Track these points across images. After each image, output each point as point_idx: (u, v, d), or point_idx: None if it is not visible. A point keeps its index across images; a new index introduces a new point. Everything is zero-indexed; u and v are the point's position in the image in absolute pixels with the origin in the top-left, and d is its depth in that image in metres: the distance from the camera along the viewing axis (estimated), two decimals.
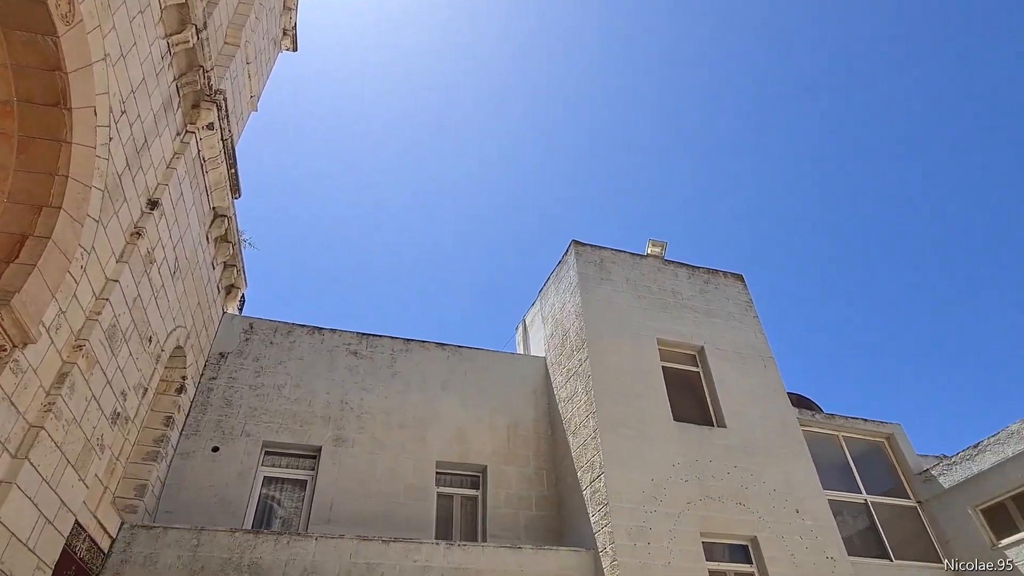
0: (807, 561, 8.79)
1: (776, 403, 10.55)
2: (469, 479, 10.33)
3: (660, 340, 10.63)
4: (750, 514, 9.01)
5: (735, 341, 11.16)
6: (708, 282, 12.01)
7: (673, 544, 8.34)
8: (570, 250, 11.49)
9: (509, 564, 8.30)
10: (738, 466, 9.46)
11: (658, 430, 9.43)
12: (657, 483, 8.85)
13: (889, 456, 12.37)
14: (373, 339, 11.15)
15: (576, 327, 10.56)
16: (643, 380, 9.95)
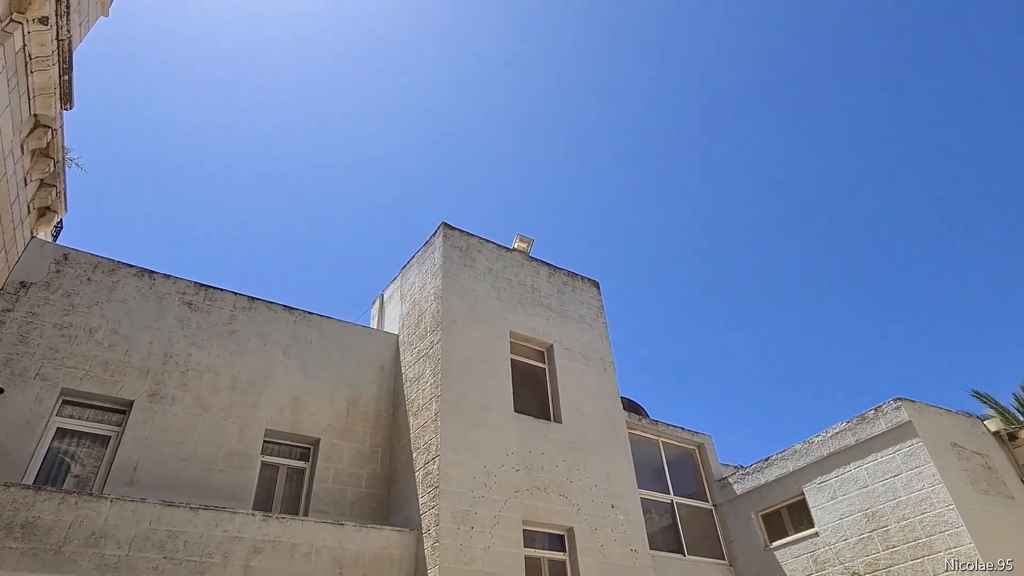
0: (614, 552, 9.49)
1: (609, 405, 11.26)
2: (299, 450, 9.90)
3: (513, 333, 10.90)
4: (571, 506, 9.54)
5: (582, 343, 11.74)
6: (566, 284, 12.51)
7: (496, 530, 8.60)
8: (439, 232, 11.40)
9: (328, 540, 8.08)
10: (567, 460, 9.97)
11: (498, 419, 9.66)
12: (489, 470, 9.06)
13: (697, 463, 13.73)
14: (213, 292, 10.28)
15: (433, 309, 10.51)
16: (491, 369, 10.13)
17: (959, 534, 9.32)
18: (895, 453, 10.42)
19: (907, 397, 10.72)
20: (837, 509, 11.00)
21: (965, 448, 10.74)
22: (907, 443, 10.30)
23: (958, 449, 10.59)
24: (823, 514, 11.18)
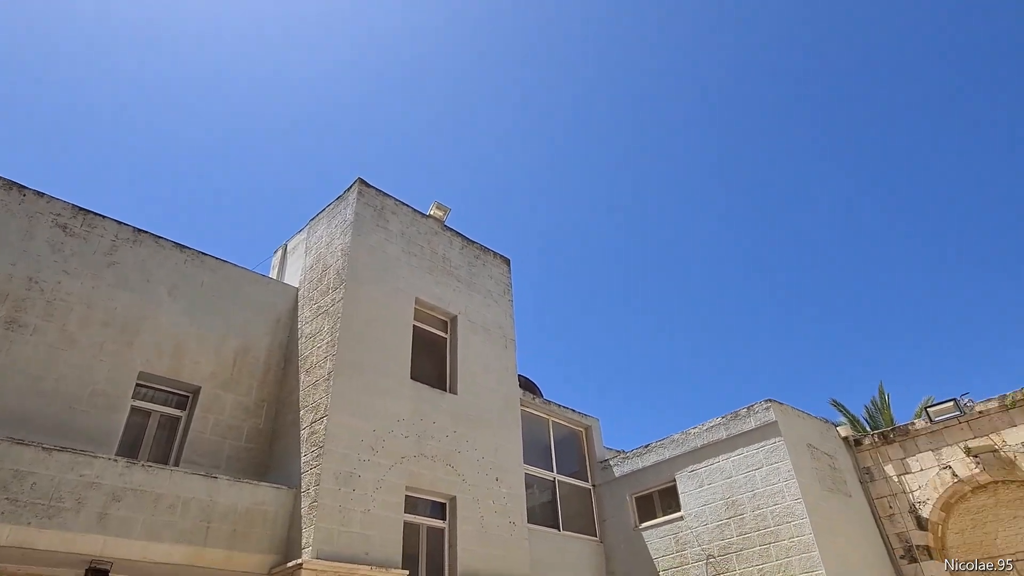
0: (493, 524, 9.71)
1: (506, 381, 11.42)
2: (176, 398, 9.33)
3: (419, 300, 10.77)
4: (456, 476, 9.64)
5: (487, 318, 11.80)
6: (478, 257, 12.49)
7: (378, 494, 8.54)
8: (353, 188, 11.01)
9: (198, 492, 7.70)
10: (457, 431, 10.04)
11: (393, 384, 9.55)
12: (378, 434, 8.96)
13: (583, 444, 14.28)
14: (93, 218, 9.39)
15: (339, 266, 10.16)
16: (391, 334, 9.97)
17: (802, 525, 10.30)
18: (759, 449, 11.31)
19: (777, 399, 11.65)
20: (703, 496, 11.82)
21: (818, 449, 11.85)
22: (771, 441, 11.21)
23: (812, 449, 11.67)
24: (690, 500, 11.99)
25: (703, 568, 11.29)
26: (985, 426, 11.45)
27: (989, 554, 11.22)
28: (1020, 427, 11.07)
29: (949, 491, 11.56)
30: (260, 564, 7.88)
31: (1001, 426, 11.27)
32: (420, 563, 8.91)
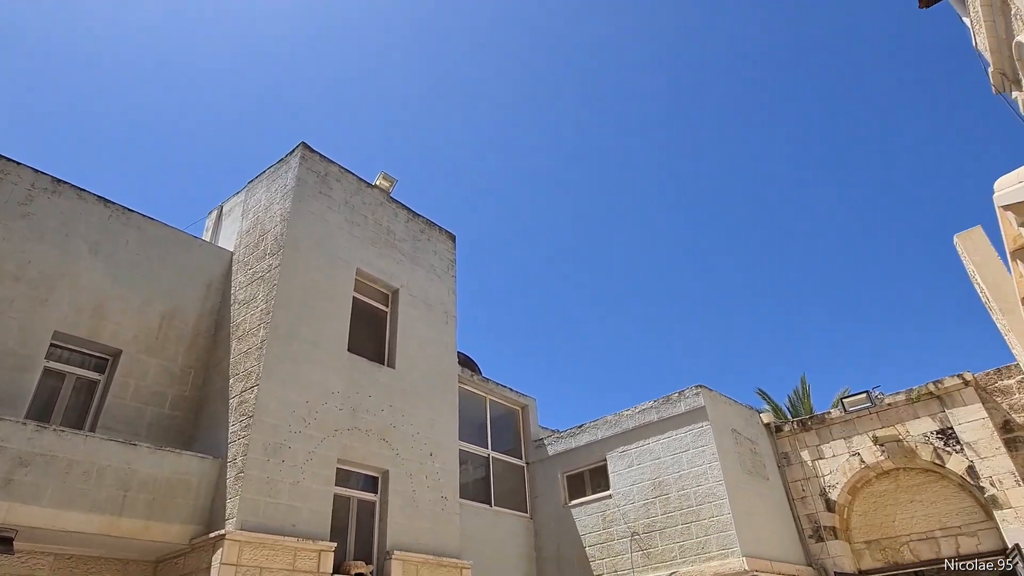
0: (425, 498, 9.72)
1: (445, 357, 11.37)
2: (94, 360, 8.84)
3: (360, 271, 10.54)
4: (390, 450, 9.57)
5: (429, 293, 11.68)
6: (423, 232, 12.31)
7: (308, 466, 8.38)
8: (296, 152, 10.60)
9: (115, 460, 7.35)
10: (393, 405, 9.95)
11: (329, 356, 9.35)
12: (311, 406, 8.77)
13: (518, 423, 14.45)
14: (7, 164, 8.69)
15: (277, 232, 9.80)
16: (330, 304, 9.74)
17: (722, 505, 10.80)
18: (687, 432, 11.75)
19: (707, 385, 12.09)
20: (631, 476, 12.20)
21: (742, 434, 12.41)
22: (699, 425, 11.65)
23: (736, 434, 12.21)
24: (619, 479, 12.35)
25: (627, 544, 11.69)
26: (892, 417, 12.26)
27: (887, 534, 12.11)
28: (923, 419, 11.91)
29: (856, 476, 12.37)
30: (181, 535, 7.63)
31: (906, 417, 12.10)
32: (349, 536, 8.84)
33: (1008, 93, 12.42)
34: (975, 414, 11.39)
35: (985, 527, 11.15)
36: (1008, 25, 10.69)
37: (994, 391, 11.49)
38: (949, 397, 11.74)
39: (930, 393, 11.92)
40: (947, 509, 11.63)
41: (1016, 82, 11.63)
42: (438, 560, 9.25)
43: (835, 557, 11.95)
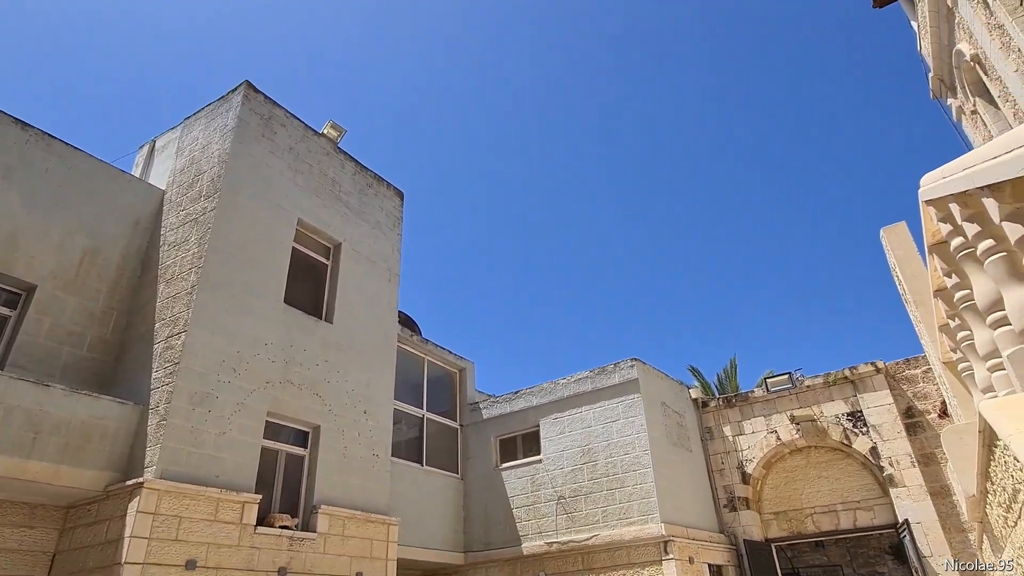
0: (356, 455, 9.67)
1: (385, 316, 11.23)
2: (4, 295, 8.26)
3: (301, 222, 10.20)
4: (323, 405, 9.44)
5: (373, 249, 11.44)
6: (371, 186, 11.99)
7: (236, 417, 8.18)
8: (239, 90, 10.05)
9: (25, 400, 6.95)
10: (329, 360, 9.78)
11: (264, 306, 9.06)
12: (242, 356, 8.52)
13: (455, 385, 14.51)
14: None
15: (214, 173, 9.33)
16: (267, 253, 9.40)
17: (646, 474, 11.23)
18: (619, 403, 12.09)
19: (641, 359, 12.43)
20: (562, 442, 12.51)
21: (670, 408, 12.88)
22: (630, 396, 12.00)
23: (665, 407, 12.66)
24: (550, 445, 12.64)
25: (554, 507, 12.04)
26: (810, 398, 12.99)
27: (794, 507, 12.93)
28: (837, 401, 12.67)
29: (772, 451, 13.09)
30: (95, 481, 7.34)
31: (822, 400, 12.84)
32: (276, 489, 8.72)
33: (944, 99, 13.02)
34: (883, 400, 12.19)
35: (881, 503, 12.06)
36: (951, 33, 11.14)
37: (901, 379, 12.31)
38: (862, 382, 12.51)
39: (845, 378, 12.66)
40: (849, 485, 12.50)
41: (952, 89, 12.20)
42: (366, 516, 9.28)
43: (745, 526, 12.69)
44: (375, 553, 9.26)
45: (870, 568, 20.00)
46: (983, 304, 3.24)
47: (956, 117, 12.36)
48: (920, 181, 3.64)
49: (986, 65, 9.82)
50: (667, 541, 10.59)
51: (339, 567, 8.67)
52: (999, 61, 9.14)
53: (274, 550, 7.99)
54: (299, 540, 8.33)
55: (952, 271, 3.87)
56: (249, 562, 7.68)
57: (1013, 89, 8.95)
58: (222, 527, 7.54)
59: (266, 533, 7.98)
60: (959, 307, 3.91)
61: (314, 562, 8.39)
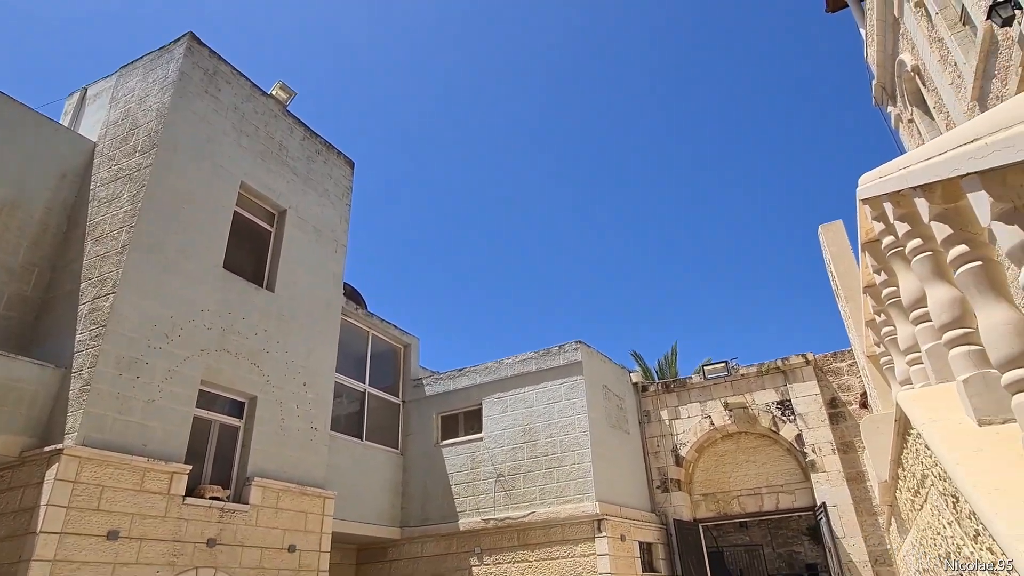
0: (294, 428, 9.48)
1: (330, 287, 10.98)
2: None
3: (245, 185, 9.79)
4: (260, 376, 9.18)
5: (320, 218, 11.12)
6: (320, 153, 11.62)
7: (167, 384, 7.86)
8: (182, 42, 9.50)
9: None
10: (268, 330, 9.50)
11: (201, 271, 8.70)
12: (176, 321, 8.17)
13: (399, 361, 14.38)
14: None
15: (152, 128, 8.82)
16: (207, 215, 9.00)
17: (584, 454, 11.47)
18: (562, 384, 12.26)
19: (585, 342, 12.62)
20: (504, 421, 12.61)
21: (611, 391, 13.15)
22: (573, 378, 12.18)
23: (606, 390, 12.92)
24: (492, 423, 12.73)
25: (492, 485, 12.16)
26: (743, 387, 13.51)
27: (722, 489, 13.50)
28: (768, 390, 13.23)
29: (705, 436, 13.58)
30: (9, 446, 6.93)
31: (755, 388, 13.37)
32: (207, 459, 8.46)
33: (884, 106, 13.59)
34: (810, 390, 12.81)
35: (802, 487, 12.73)
36: (896, 42, 11.59)
37: (828, 371, 12.95)
38: (792, 373, 13.09)
39: (777, 368, 13.22)
40: (775, 470, 13.12)
41: (893, 97, 12.74)
42: (301, 489, 9.13)
43: (676, 506, 13.17)
44: (309, 526, 9.15)
45: (788, 548, 21.12)
46: (907, 301, 3.41)
47: (894, 125, 12.93)
48: (859, 180, 3.78)
49: (925, 76, 10.29)
50: (601, 519, 10.88)
51: (271, 540, 8.53)
52: (937, 73, 9.59)
53: (203, 522, 7.78)
54: (230, 512, 8.13)
55: (881, 268, 4.05)
56: (176, 533, 7.45)
57: (947, 101, 9.41)
58: (148, 497, 7.27)
59: (195, 504, 7.75)
60: (885, 303, 4.11)
61: (245, 534, 8.22)
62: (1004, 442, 2.34)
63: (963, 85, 8.50)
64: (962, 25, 8.61)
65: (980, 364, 2.60)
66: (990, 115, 1.63)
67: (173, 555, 7.37)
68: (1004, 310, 2.12)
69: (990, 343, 2.14)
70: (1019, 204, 1.66)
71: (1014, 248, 1.66)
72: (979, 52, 7.54)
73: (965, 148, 1.76)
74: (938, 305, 2.78)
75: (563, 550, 11.02)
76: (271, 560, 8.45)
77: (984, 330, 2.19)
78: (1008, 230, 1.67)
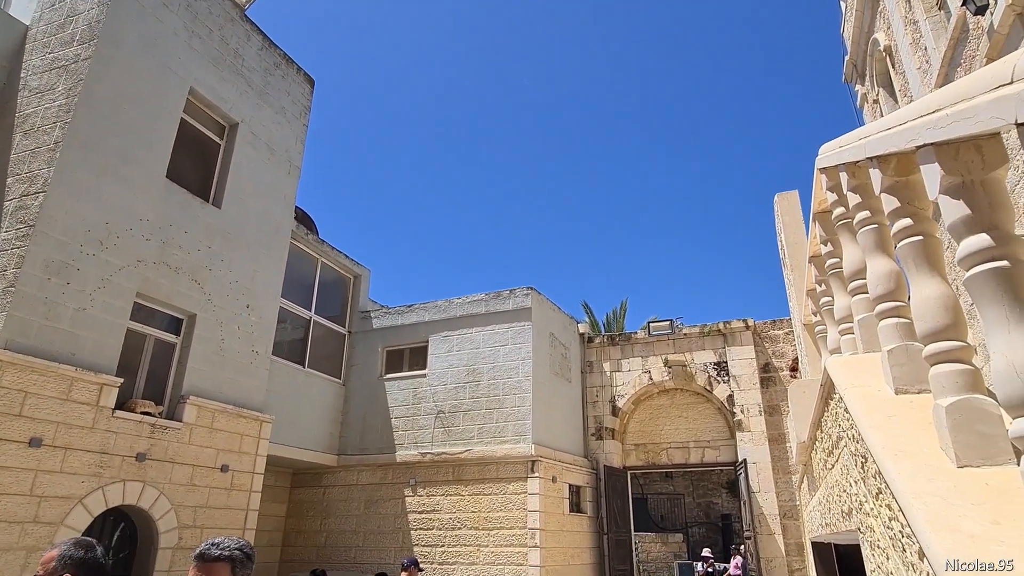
0: (234, 349, 9.29)
1: (281, 208, 10.60)
2: None
3: (194, 92, 9.21)
4: (201, 293, 8.89)
5: (274, 136, 10.62)
6: (278, 67, 10.99)
7: (100, 293, 7.52)
8: None
9: None
10: (212, 247, 9.16)
11: (142, 177, 8.23)
12: (112, 228, 7.76)
13: (348, 291, 14.18)
14: None
15: (93, 16, 8.10)
16: (150, 119, 8.45)
17: (525, 398, 11.72)
18: (509, 328, 12.37)
19: (536, 289, 12.70)
20: (449, 360, 12.70)
21: (558, 339, 13.37)
22: (521, 323, 12.30)
23: (553, 338, 13.13)
24: (436, 361, 12.80)
25: (432, 421, 12.34)
26: (684, 345, 13.94)
27: (653, 440, 14.10)
28: (707, 351, 13.70)
29: (643, 390, 14.06)
30: None
31: (695, 348, 13.83)
32: (140, 374, 8.24)
33: (853, 84, 13.73)
34: (746, 354, 13.33)
35: (727, 444, 13.42)
36: (872, 21, 11.61)
37: (766, 338, 13.47)
38: (732, 336, 13.57)
39: (718, 330, 13.67)
40: (704, 426, 13.76)
41: (862, 76, 12.87)
42: (238, 410, 9.04)
43: (608, 454, 13.71)
44: (244, 448, 9.11)
45: (707, 499, 22.43)
46: (848, 271, 3.51)
47: (860, 104, 13.12)
48: (819, 149, 3.81)
49: (895, 58, 10.39)
50: (535, 461, 11.24)
51: (204, 458, 8.47)
52: (907, 56, 9.69)
53: (133, 436, 7.64)
54: (162, 428, 8.00)
55: (829, 239, 4.16)
56: (104, 445, 7.30)
57: (912, 85, 9.56)
58: (75, 407, 7.06)
59: (125, 418, 7.58)
60: (828, 273, 4.24)
61: (177, 451, 8.13)
62: (916, 410, 2.47)
63: (930, 71, 8.63)
64: (938, 9, 8.67)
65: (907, 336, 2.72)
66: (954, 86, 1.63)
67: (100, 467, 7.24)
68: (936, 284, 2.19)
69: (919, 315, 2.22)
70: (967, 179, 1.68)
71: (956, 222, 1.70)
72: (949, 39, 7.63)
73: (926, 118, 1.76)
74: (876, 277, 2.87)
75: (496, 487, 11.38)
76: (203, 478, 8.41)
77: (915, 303, 2.27)
78: (953, 204, 1.70)
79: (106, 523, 7.69)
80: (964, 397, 1.99)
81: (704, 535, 21.22)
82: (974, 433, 1.94)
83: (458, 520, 11.45)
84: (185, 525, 8.10)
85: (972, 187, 1.68)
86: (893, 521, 2.24)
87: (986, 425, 1.94)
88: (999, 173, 1.70)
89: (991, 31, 6.32)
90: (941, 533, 1.63)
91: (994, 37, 6.18)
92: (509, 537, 10.97)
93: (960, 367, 2.05)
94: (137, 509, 7.70)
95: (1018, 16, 5.89)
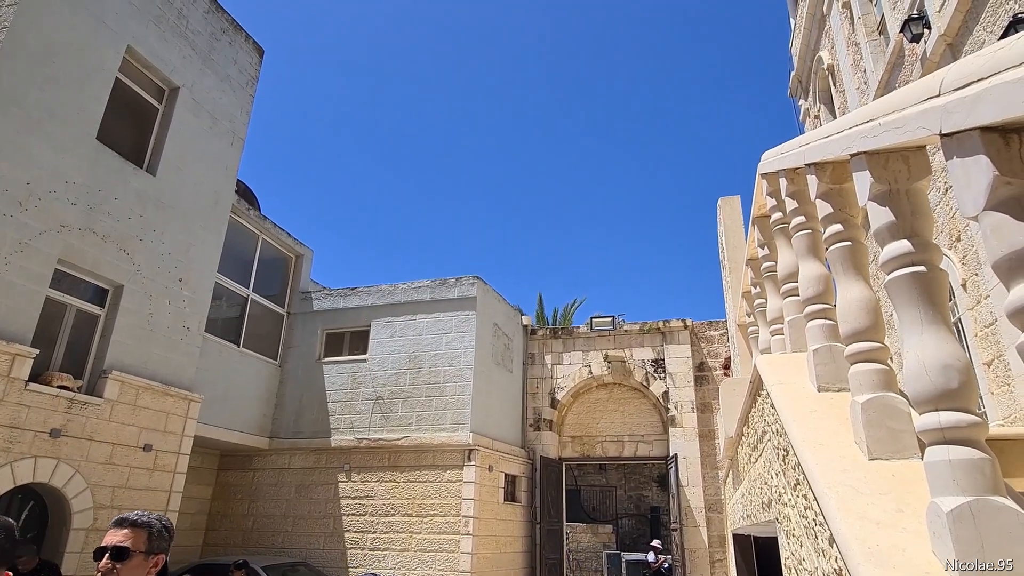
0: (163, 324, 8.88)
1: (221, 180, 10.18)
2: None
3: (132, 51, 8.70)
4: (130, 264, 8.45)
5: (217, 105, 10.17)
6: (225, 32, 10.51)
7: (17, 258, 7.04)
8: None
9: None
10: (145, 216, 8.71)
11: (68, 137, 7.73)
12: (33, 189, 7.26)
13: (289, 271, 13.79)
14: None
15: None
16: (81, 75, 7.93)
17: (466, 387, 11.72)
18: (453, 317, 12.33)
19: (483, 279, 12.69)
20: (391, 346, 12.55)
21: (501, 329, 13.41)
22: (465, 312, 12.27)
23: (496, 328, 13.16)
24: (378, 346, 12.63)
25: (370, 406, 12.18)
26: (624, 342, 14.25)
27: (589, 433, 14.37)
28: (646, 348, 14.05)
29: (582, 383, 14.30)
30: None
31: (635, 345, 14.15)
32: (58, 346, 7.77)
33: (797, 99, 14.30)
34: (683, 352, 13.74)
35: (660, 438, 13.82)
36: (819, 39, 12.11)
37: (702, 337, 13.93)
38: (670, 335, 13.95)
39: (657, 329, 14.03)
40: (639, 421, 14.12)
41: (806, 91, 13.42)
42: (164, 388, 8.66)
43: (545, 445, 13.89)
44: (170, 427, 8.75)
45: (638, 491, 23.06)
46: (782, 274, 3.67)
47: (803, 118, 13.67)
48: (762, 156, 3.95)
49: (837, 77, 10.88)
50: (472, 449, 11.26)
51: (125, 436, 8.08)
52: (848, 76, 10.16)
53: (48, 410, 7.20)
54: (80, 403, 7.58)
55: (766, 243, 4.32)
56: (15, 419, 6.86)
57: (851, 105, 10.03)
58: None
59: (39, 391, 7.14)
60: (763, 276, 4.41)
61: (96, 428, 7.72)
62: (835, 407, 2.61)
63: (868, 92, 9.09)
64: (878, 34, 9.12)
65: (832, 337, 2.86)
66: (887, 98, 1.71)
67: (9, 442, 6.80)
68: (860, 288, 2.31)
69: (842, 317, 2.34)
70: (894, 187, 1.78)
71: (881, 228, 1.79)
72: (887, 63, 8.04)
73: (861, 127, 1.85)
74: (806, 280, 3.01)
75: (432, 474, 11.35)
76: (123, 457, 8.03)
77: (840, 305, 2.39)
78: (880, 210, 1.79)
79: (12, 501, 7.24)
80: (878, 395, 2.12)
81: (633, 527, 21.85)
82: (885, 428, 2.07)
83: (392, 507, 11.36)
84: (102, 505, 7.72)
85: (898, 195, 1.78)
86: (808, 510, 2.36)
87: (896, 421, 2.07)
88: (922, 184, 1.80)
89: (924, 58, 6.70)
90: (850, 520, 1.73)
91: (927, 64, 6.55)
92: (443, 524, 10.97)
93: (876, 366, 2.18)
94: (49, 488, 7.28)
95: (948, 46, 6.26)
